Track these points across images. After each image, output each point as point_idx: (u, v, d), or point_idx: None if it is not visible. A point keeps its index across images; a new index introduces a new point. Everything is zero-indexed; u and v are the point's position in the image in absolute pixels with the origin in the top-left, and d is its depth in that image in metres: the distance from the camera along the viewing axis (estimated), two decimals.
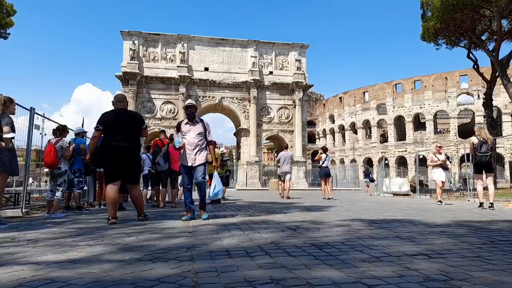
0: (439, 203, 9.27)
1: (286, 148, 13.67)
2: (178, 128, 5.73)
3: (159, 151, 8.94)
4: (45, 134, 8.18)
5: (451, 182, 25.04)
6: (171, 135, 9.21)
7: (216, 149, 10.95)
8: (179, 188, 9.75)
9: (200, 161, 5.46)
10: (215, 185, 5.84)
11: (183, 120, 5.75)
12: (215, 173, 5.91)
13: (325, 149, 13.35)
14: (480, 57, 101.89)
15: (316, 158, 13.89)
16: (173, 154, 9.37)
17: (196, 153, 5.44)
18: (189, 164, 5.43)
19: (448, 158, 11.36)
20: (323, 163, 12.80)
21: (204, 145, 5.56)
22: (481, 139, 8.01)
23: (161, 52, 30.72)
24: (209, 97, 31.13)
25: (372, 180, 19.72)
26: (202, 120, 5.69)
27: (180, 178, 7.17)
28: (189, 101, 5.67)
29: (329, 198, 12.07)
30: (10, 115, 5.27)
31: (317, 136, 71.57)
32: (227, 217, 5.78)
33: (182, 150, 5.50)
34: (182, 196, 9.29)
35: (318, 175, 14.28)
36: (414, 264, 2.36)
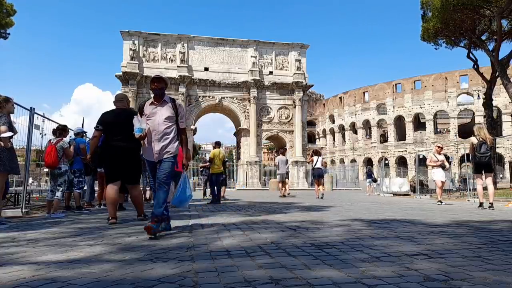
0: (439, 203, 9.26)
1: (283, 153, 15.02)
2: (141, 111, 4.32)
3: None
4: (45, 134, 8.18)
5: (452, 182, 25.00)
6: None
7: (218, 149, 10.98)
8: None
9: (167, 155, 4.09)
10: (181, 188, 4.24)
11: (147, 100, 4.38)
12: (184, 175, 4.36)
13: (315, 152, 14.16)
14: (480, 57, 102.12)
15: (308, 160, 14.85)
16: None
17: (162, 143, 4.08)
18: (154, 160, 4.11)
19: (448, 158, 11.37)
20: (315, 164, 13.54)
21: (173, 134, 4.17)
22: (481, 139, 8.00)
23: (161, 52, 30.70)
24: (209, 97, 31.11)
25: (374, 181, 19.77)
26: (173, 101, 4.32)
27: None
28: (157, 73, 4.33)
29: (317, 198, 12.52)
30: (8, 115, 5.27)
31: (317, 136, 71.55)
32: (227, 217, 5.78)
33: (145, 140, 4.16)
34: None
35: (312, 176, 14.90)
36: (414, 264, 2.37)
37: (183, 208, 7.26)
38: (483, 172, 8.06)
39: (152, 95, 4.41)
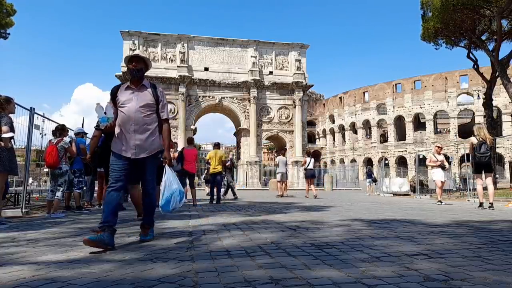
0: (439, 203, 9.26)
1: (284, 154, 15.55)
2: (113, 96, 3.55)
3: None
4: (45, 134, 8.19)
5: (455, 181, 24.97)
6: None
7: (215, 150, 10.95)
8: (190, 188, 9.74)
9: (150, 152, 3.49)
10: (165, 188, 3.47)
11: (122, 84, 3.64)
12: (167, 168, 3.54)
13: (309, 153, 14.90)
14: (480, 57, 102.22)
15: (302, 163, 15.62)
16: (187, 155, 9.44)
17: (141, 136, 3.44)
18: (128, 155, 3.41)
19: (447, 158, 11.38)
20: (308, 165, 14.07)
21: (154, 125, 3.54)
22: (480, 139, 8.01)
23: (161, 52, 30.72)
24: (209, 97, 31.13)
25: (374, 181, 19.81)
26: (154, 86, 3.62)
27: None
28: (136, 52, 3.68)
29: (315, 197, 12.97)
30: (9, 115, 5.28)
31: (317, 136, 71.53)
32: (227, 217, 5.78)
33: (116, 132, 3.54)
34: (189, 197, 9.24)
35: (304, 176, 15.32)
36: (414, 264, 2.37)
37: (183, 208, 7.26)
38: (483, 172, 8.07)
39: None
